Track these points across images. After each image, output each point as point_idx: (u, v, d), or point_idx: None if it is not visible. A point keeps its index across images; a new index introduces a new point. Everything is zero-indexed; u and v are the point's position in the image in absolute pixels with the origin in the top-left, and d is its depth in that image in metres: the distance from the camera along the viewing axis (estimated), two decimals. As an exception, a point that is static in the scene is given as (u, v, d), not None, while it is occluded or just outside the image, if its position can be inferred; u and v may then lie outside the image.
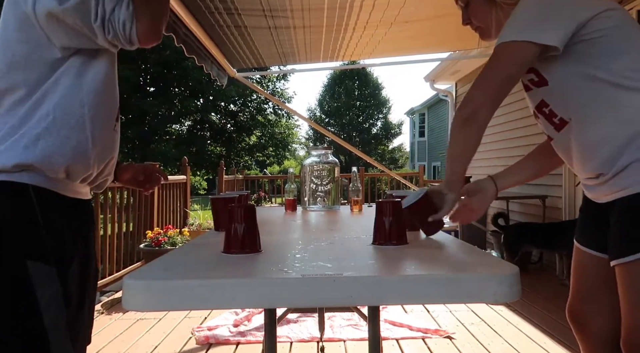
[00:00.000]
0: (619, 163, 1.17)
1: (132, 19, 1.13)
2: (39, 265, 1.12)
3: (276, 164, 26.58)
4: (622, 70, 1.17)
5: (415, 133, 27.57)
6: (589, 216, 1.39)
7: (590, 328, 1.38)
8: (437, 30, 4.13)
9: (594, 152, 1.21)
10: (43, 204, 1.14)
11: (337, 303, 0.84)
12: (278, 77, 21.40)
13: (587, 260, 1.38)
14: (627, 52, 1.18)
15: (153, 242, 4.54)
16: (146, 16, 1.16)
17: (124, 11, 1.12)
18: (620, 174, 1.17)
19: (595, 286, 1.37)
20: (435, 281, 0.85)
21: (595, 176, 1.24)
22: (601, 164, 1.20)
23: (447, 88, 8.27)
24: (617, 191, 1.20)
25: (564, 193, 4.71)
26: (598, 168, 1.21)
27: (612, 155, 1.18)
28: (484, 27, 1.38)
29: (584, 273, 1.40)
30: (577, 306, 1.42)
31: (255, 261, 1.03)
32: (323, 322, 2.59)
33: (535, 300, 3.62)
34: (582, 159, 1.26)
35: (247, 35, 3.77)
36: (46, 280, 1.12)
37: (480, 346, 2.74)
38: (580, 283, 1.42)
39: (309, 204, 2.26)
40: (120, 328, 3.10)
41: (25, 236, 1.13)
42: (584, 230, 1.41)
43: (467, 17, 1.40)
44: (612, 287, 1.26)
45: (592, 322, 1.38)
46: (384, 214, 1.17)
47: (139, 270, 0.95)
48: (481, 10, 1.35)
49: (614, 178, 1.19)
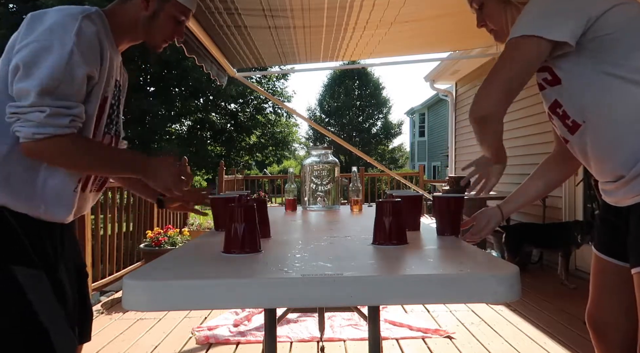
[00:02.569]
0: (638, 164, 1.13)
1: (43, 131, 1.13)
2: (24, 269, 1.15)
3: (276, 164, 26.57)
4: (638, 66, 1.13)
5: (415, 132, 27.58)
6: (606, 223, 1.36)
7: (609, 335, 1.36)
8: (437, 30, 4.13)
9: (612, 154, 1.17)
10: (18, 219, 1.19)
11: (337, 303, 0.84)
12: (278, 77, 21.39)
13: (607, 267, 1.36)
14: None
15: (153, 242, 4.54)
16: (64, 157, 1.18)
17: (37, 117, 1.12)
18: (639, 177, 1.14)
19: (615, 294, 1.34)
20: (435, 281, 0.85)
21: (614, 178, 1.20)
22: (620, 166, 1.16)
23: (447, 88, 8.27)
24: (637, 194, 1.15)
25: (564, 193, 4.71)
26: (617, 169, 1.18)
27: (630, 156, 1.14)
28: (498, 29, 1.36)
29: (603, 281, 1.38)
30: (597, 313, 1.40)
31: (255, 261, 1.03)
32: (323, 321, 2.59)
33: (535, 300, 3.62)
34: (600, 162, 1.22)
35: (247, 35, 3.77)
36: (35, 282, 1.16)
37: (480, 346, 2.74)
38: (600, 291, 1.39)
39: (309, 204, 2.26)
40: (120, 328, 3.10)
41: (6, 244, 1.16)
42: (603, 238, 1.38)
43: (482, 19, 1.38)
44: (631, 293, 1.23)
45: (611, 329, 1.36)
46: (384, 214, 1.17)
47: (139, 270, 0.94)
48: (496, 11, 1.33)
49: (634, 180, 1.15)
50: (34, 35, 1.14)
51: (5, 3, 17.68)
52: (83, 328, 1.39)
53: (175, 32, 1.42)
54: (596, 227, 1.43)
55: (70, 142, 1.17)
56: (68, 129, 1.16)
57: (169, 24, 1.38)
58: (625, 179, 1.16)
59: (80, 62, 1.16)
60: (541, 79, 1.27)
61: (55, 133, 1.13)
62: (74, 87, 1.16)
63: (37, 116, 1.11)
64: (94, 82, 1.24)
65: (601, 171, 1.24)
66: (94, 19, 1.24)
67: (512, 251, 4.36)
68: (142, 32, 1.38)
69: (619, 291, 1.33)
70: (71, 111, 1.16)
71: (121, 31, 1.35)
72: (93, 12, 1.25)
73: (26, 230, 1.19)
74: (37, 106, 1.11)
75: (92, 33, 1.20)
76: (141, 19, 1.35)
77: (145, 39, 1.41)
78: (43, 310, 1.15)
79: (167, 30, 1.40)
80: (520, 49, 1.15)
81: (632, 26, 1.13)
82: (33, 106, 1.11)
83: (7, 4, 17.83)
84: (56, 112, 1.13)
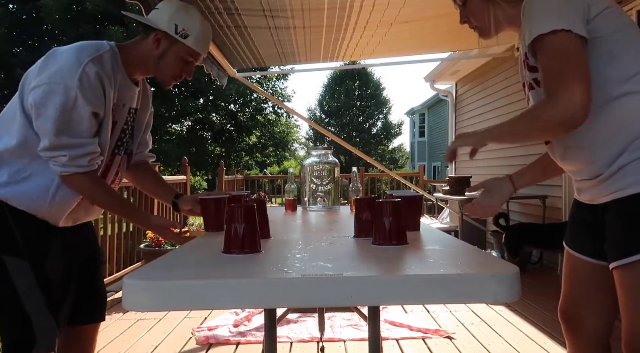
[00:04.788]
0: (615, 164, 1.17)
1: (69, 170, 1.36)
2: (13, 259, 1.33)
3: (276, 164, 26.56)
4: (620, 73, 1.16)
5: (415, 133, 27.56)
6: (580, 221, 1.39)
7: (582, 329, 1.39)
8: (437, 30, 4.13)
9: (591, 154, 1.21)
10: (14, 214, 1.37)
11: (337, 303, 0.84)
12: (278, 78, 21.38)
13: (579, 264, 1.39)
14: (623, 55, 1.17)
15: (153, 242, 4.54)
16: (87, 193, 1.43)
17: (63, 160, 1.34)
18: (616, 174, 1.17)
19: (588, 290, 1.37)
20: (435, 281, 0.85)
21: (591, 177, 1.24)
22: (599, 166, 1.20)
23: (447, 88, 8.27)
24: (613, 192, 1.19)
25: (564, 193, 4.71)
26: (594, 169, 1.21)
27: (609, 157, 1.17)
28: (481, 26, 1.37)
29: (576, 277, 1.41)
30: (569, 308, 1.43)
31: (255, 261, 1.03)
32: (323, 322, 2.59)
33: (535, 300, 3.62)
34: (579, 162, 1.25)
35: (247, 36, 3.77)
36: (21, 271, 1.33)
37: (480, 346, 2.74)
38: (572, 287, 1.42)
39: (309, 204, 2.26)
40: (120, 328, 3.10)
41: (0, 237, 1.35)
42: (575, 235, 1.41)
43: (465, 15, 1.39)
44: (604, 289, 1.29)
45: (584, 323, 1.38)
46: (384, 215, 1.17)
47: (139, 270, 0.95)
48: (479, 8, 1.34)
49: (610, 178, 1.18)
50: (47, 75, 1.31)
51: (5, 3, 17.68)
52: (95, 309, 1.59)
53: (184, 71, 1.53)
54: (569, 225, 1.44)
55: (87, 180, 1.39)
56: (87, 168, 1.38)
57: (177, 63, 1.50)
58: (601, 177, 1.20)
59: (84, 103, 1.32)
60: (531, 79, 1.29)
61: (77, 171, 1.36)
62: (83, 125, 1.34)
63: (62, 159, 1.33)
64: (101, 117, 1.40)
65: (579, 171, 1.27)
66: (102, 59, 1.38)
67: (512, 251, 4.36)
68: (152, 68, 1.50)
69: (588, 286, 1.37)
70: (87, 149, 1.36)
71: (133, 66, 1.49)
72: (106, 50, 1.40)
73: (20, 224, 1.36)
74: (57, 147, 1.32)
75: (94, 75, 1.34)
76: (151, 57, 1.48)
77: (155, 75, 1.53)
78: (27, 297, 1.33)
79: (175, 69, 1.51)
80: (569, 39, 1.12)
81: (617, 34, 1.17)
82: (54, 148, 1.32)
83: (7, 4, 17.82)
84: (75, 155, 1.34)
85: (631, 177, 1.15)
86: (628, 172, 1.16)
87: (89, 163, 1.37)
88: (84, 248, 1.58)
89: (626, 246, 1.17)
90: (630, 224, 1.17)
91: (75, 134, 1.33)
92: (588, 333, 1.37)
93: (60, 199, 1.40)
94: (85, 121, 1.34)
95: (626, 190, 1.16)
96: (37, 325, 1.34)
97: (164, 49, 1.46)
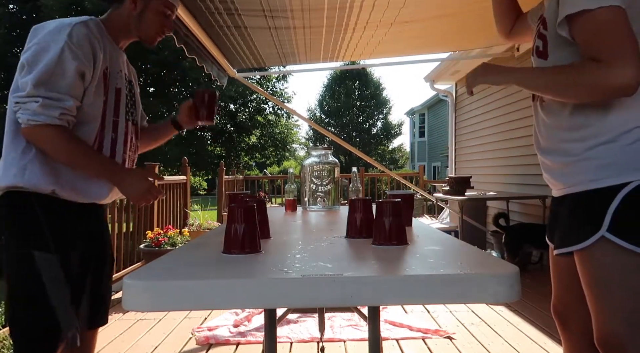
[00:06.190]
0: (571, 156, 1.21)
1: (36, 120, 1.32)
2: (43, 254, 1.35)
3: (276, 164, 26.57)
4: None
5: (415, 133, 27.57)
6: (553, 214, 1.40)
7: (573, 324, 1.39)
8: (437, 30, 4.13)
9: (556, 137, 1.25)
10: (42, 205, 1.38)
11: (337, 303, 0.84)
12: (278, 78, 21.38)
13: (558, 259, 1.39)
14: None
15: (153, 242, 4.54)
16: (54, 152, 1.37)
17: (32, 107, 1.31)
18: (570, 166, 1.22)
19: (568, 285, 1.37)
20: (435, 281, 0.85)
21: (550, 162, 1.29)
22: (568, 147, 1.23)
23: (447, 88, 8.27)
24: (567, 186, 1.24)
25: (564, 193, 4.70)
26: (566, 151, 1.24)
27: (568, 147, 1.22)
28: None
29: (558, 272, 1.41)
30: (559, 305, 1.44)
31: (255, 261, 1.03)
32: (323, 322, 2.59)
33: (535, 300, 3.62)
34: (546, 138, 1.29)
35: (247, 36, 3.77)
36: (49, 265, 1.35)
37: (480, 346, 2.74)
38: (557, 283, 1.43)
39: (309, 204, 2.26)
40: (120, 329, 3.10)
41: (30, 231, 1.36)
42: (550, 228, 1.42)
43: None
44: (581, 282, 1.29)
45: (573, 318, 1.39)
46: (384, 215, 1.17)
47: (139, 270, 0.94)
48: None
49: (566, 167, 1.23)
50: (37, 39, 1.36)
51: (5, 3, 17.69)
52: (97, 312, 1.58)
53: (165, 25, 1.60)
54: (548, 218, 1.46)
55: (57, 133, 1.34)
56: (58, 121, 1.34)
57: (157, 18, 1.57)
58: (568, 161, 1.23)
59: (70, 58, 1.34)
60: (535, 45, 1.31)
61: (46, 122, 1.32)
62: (65, 80, 1.34)
63: (32, 105, 1.30)
64: (88, 80, 1.40)
65: (551, 148, 1.29)
66: (88, 25, 1.42)
67: (512, 251, 4.36)
68: (134, 29, 1.56)
69: (569, 281, 1.37)
70: (61, 104, 1.33)
71: (118, 32, 1.55)
72: (88, 19, 1.44)
73: (49, 215, 1.38)
74: (33, 95, 1.31)
75: (82, 35, 1.38)
76: (132, 19, 1.55)
77: (139, 35, 1.59)
78: (52, 290, 1.35)
79: (156, 25, 1.58)
80: (613, 12, 1.08)
81: None
82: (29, 95, 1.31)
83: (7, 5, 17.83)
84: (47, 104, 1.31)
85: (581, 176, 1.20)
86: (580, 169, 1.20)
87: (59, 116, 1.34)
88: (97, 239, 1.64)
89: (570, 236, 1.22)
90: (576, 219, 1.22)
91: (54, 88, 1.32)
92: (578, 328, 1.37)
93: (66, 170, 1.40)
94: (69, 77, 1.34)
95: (577, 186, 1.21)
96: (60, 317, 1.37)
97: (142, 8, 1.54)
